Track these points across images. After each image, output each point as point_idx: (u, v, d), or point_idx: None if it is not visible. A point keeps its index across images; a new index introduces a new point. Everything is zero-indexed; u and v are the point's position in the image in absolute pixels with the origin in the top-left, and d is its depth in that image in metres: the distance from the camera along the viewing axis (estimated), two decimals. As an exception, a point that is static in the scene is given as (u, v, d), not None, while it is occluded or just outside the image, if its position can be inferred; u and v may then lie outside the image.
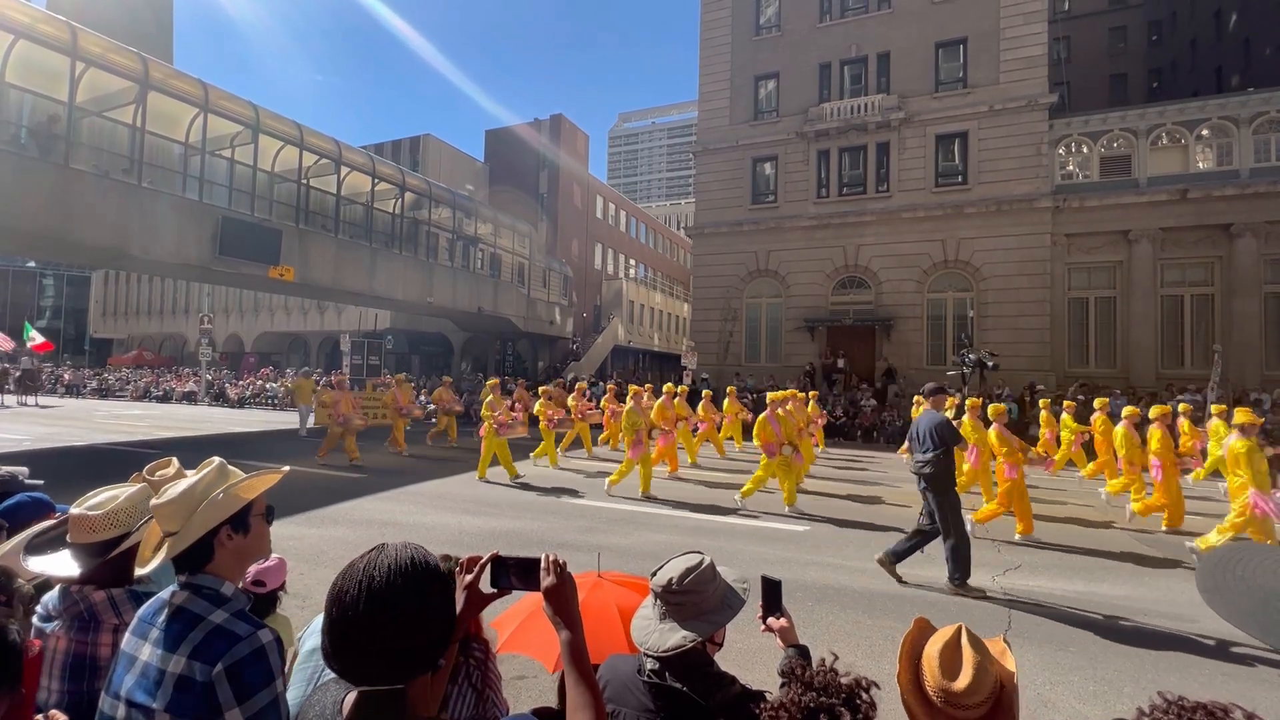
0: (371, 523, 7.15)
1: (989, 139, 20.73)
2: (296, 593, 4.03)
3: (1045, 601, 5.10)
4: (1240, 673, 3.93)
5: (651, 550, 6.22)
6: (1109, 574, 5.97)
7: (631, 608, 2.14)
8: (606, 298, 39.62)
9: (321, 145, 20.06)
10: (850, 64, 23.03)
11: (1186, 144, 19.01)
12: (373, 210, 21.95)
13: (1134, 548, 6.98)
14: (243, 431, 17.19)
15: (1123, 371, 19.11)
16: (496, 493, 9.19)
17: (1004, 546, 6.81)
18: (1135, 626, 4.61)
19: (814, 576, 5.54)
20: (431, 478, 10.18)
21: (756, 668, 3.51)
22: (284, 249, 17.81)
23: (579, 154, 38.54)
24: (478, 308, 26.04)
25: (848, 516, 8.10)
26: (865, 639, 4.26)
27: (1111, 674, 3.84)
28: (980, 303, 20.70)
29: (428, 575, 1.07)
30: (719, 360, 23.73)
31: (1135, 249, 19.22)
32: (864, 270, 22.28)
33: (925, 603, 5.03)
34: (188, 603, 1.28)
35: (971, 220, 20.72)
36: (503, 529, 7.00)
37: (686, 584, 1.45)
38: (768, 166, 24.17)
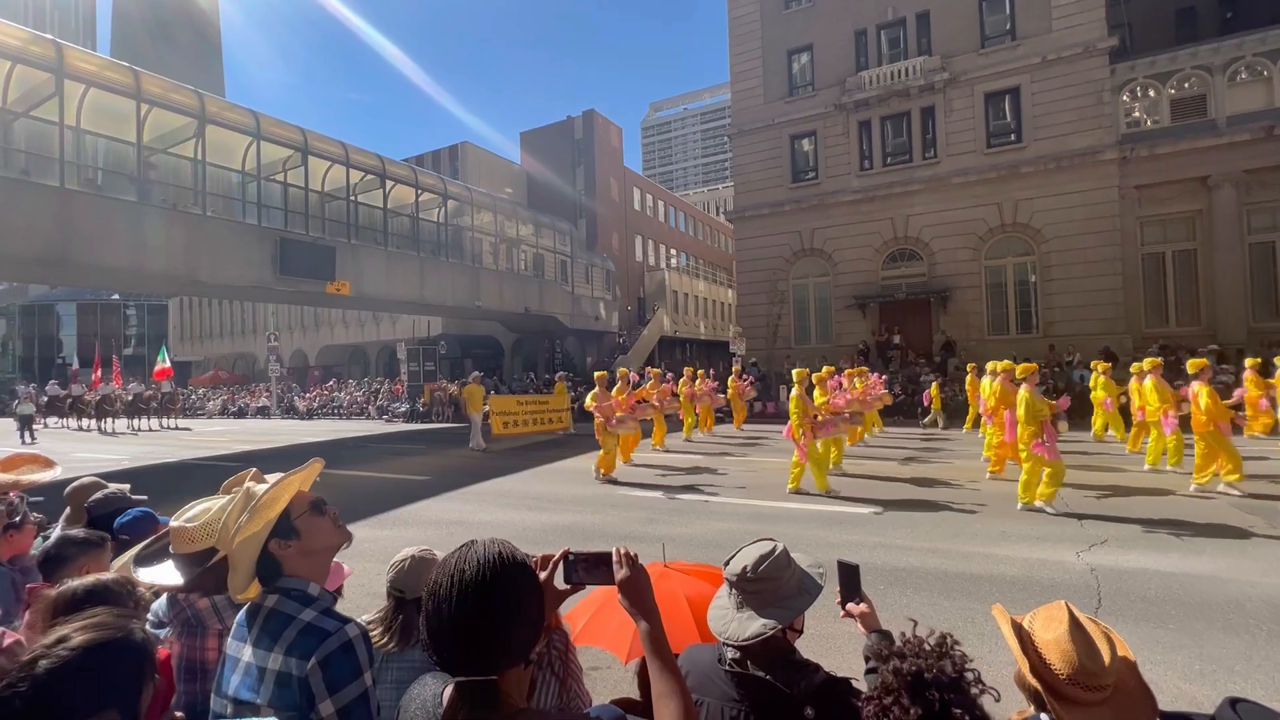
0: (440, 523, 7.40)
1: (1043, 92, 19.55)
2: (375, 591, 4.20)
3: (1137, 577, 4.80)
4: (1369, 647, 3.61)
5: (713, 539, 6.19)
6: (1203, 546, 5.58)
7: (699, 596, 2.13)
8: (650, 289, 39.59)
9: (366, 162, 20.76)
10: (887, 28, 22.12)
11: (1270, 76, 17.44)
12: (418, 220, 22.59)
13: (1228, 517, 6.49)
14: (314, 442, 18.06)
15: (1209, 328, 17.77)
16: (556, 489, 9.34)
17: (1087, 521, 6.45)
18: (1238, 601, 4.29)
19: (884, 559, 5.40)
20: (492, 477, 10.44)
21: (832, 654, 3.44)
22: (338, 264, 18.56)
23: (613, 147, 38.52)
24: (524, 308, 26.48)
25: (913, 497, 7.86)
26: (944, 621, 4.11)
27: (1219, 652, 3.59)
28: (1043, 266, 19.63)
29: (515, 568, 1.09)
30: (768, 344, 23.37)
31: (1216, 196, 17.79)
32: (915, 241, 21.46)
33: (1005, 581, 4.82)
34: (279, 605, 1.36)
35: (1029, 180, 19.64)
36: (564, 524, 7.11)
37: (761, 571, 1.42)
38: (806, 143, 23.55)
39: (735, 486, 8.97)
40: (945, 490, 8.23)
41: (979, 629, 3.95)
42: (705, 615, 1.55)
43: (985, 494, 7.93)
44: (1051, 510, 6.80)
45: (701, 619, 1.65)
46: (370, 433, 20.54)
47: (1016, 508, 6.98)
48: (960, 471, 9.51)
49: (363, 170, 20.59)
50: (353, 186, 20.23)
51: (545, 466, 11.63)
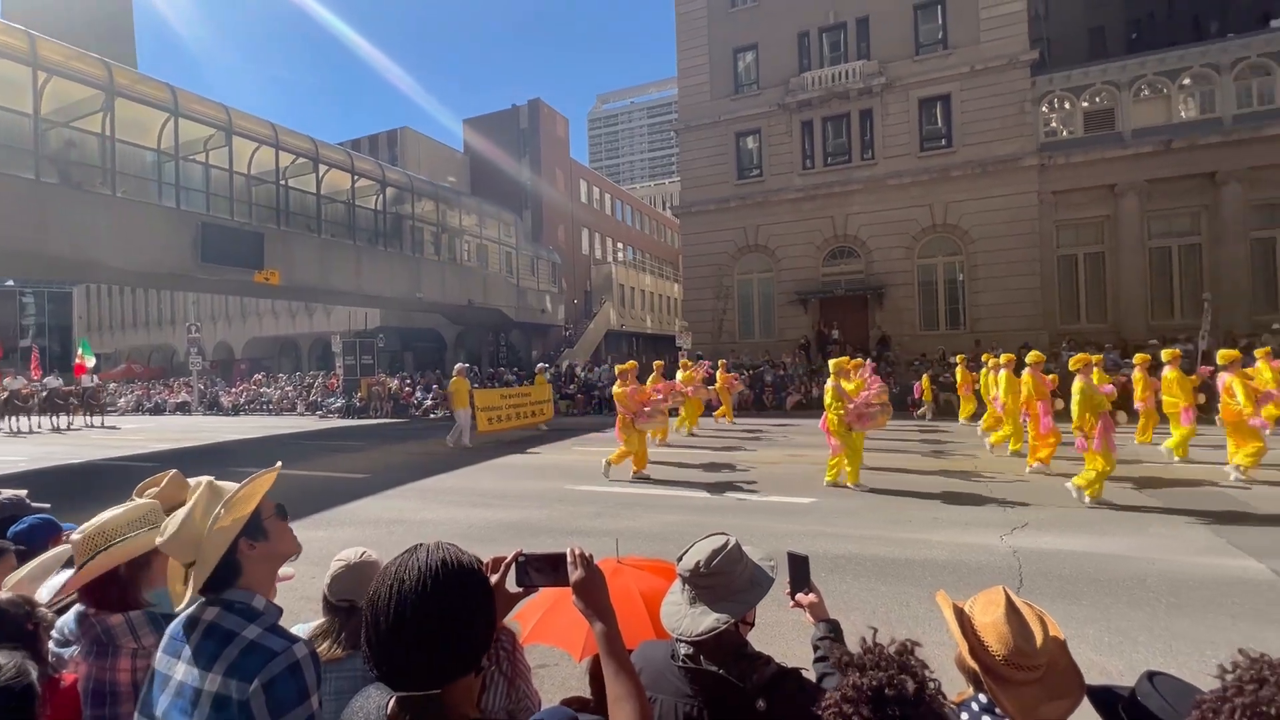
0: (379, 522, 7.14)
1: (972, 100, 20.58)
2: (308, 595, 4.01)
3: (1053, 557, 5.15)
4: (1245, 613, 4.00)
5: (663, 532, 6.24)
6: (1109, 526, 6.05)
7: (653, 591, 2.13)
8: (596, 283, 39.42)
9: (297, 144, 19.70)
10: (829, 31, 22.74)
11: (1169, 94, 18.96)
12: (355, 208, 21.65)
13: (1130, 499, 7.06)
14: (240, 439, 17.09)
15: (1114, 326, 19.24)
16: (504, 484, 9.19)
17: (1010, 506, 6.87)
18: (1140, 577, 4.67)
19: (825, 547, 5.58)
20: (436, 473, 10.16)
21: (778, 641, 3.53)
22: (267, 252, 17.57)
23: (559, 138, 38.05)
24: (467, 300, 25.86)
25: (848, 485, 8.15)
26: (881, 605, 4.30)
27: (1124, 624, 3.89)
28: (970, 265, 20.72)
29: (461, 575, 1.03)
30: (713, 339, 23.71)
31: (1122, 203, 19.24)
32: (853, 240, 22.22)
33: (936, 565, 5.07)
34: (220, 619, 1.25)
35: (958, 183, 20.66)
36: (512, 520, 7.00)
37: (715, 566, 1.43)
38: (751, 140, 23.95)
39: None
40: (883, 476, 8.57)
41: (913, 612, 4.14)
42: (660, 611, 1.55)
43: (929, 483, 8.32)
44: (1088, 502, 6.79)
45: (656, 614, 1.65)
46: (303, 429, 19.61)
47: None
48: (903, 460, 9.94)
49: (294, 153, 19.53)
50: (283, 170, 19.15)
51: (494, 461, 11.41)
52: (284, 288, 19.25)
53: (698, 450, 11.82)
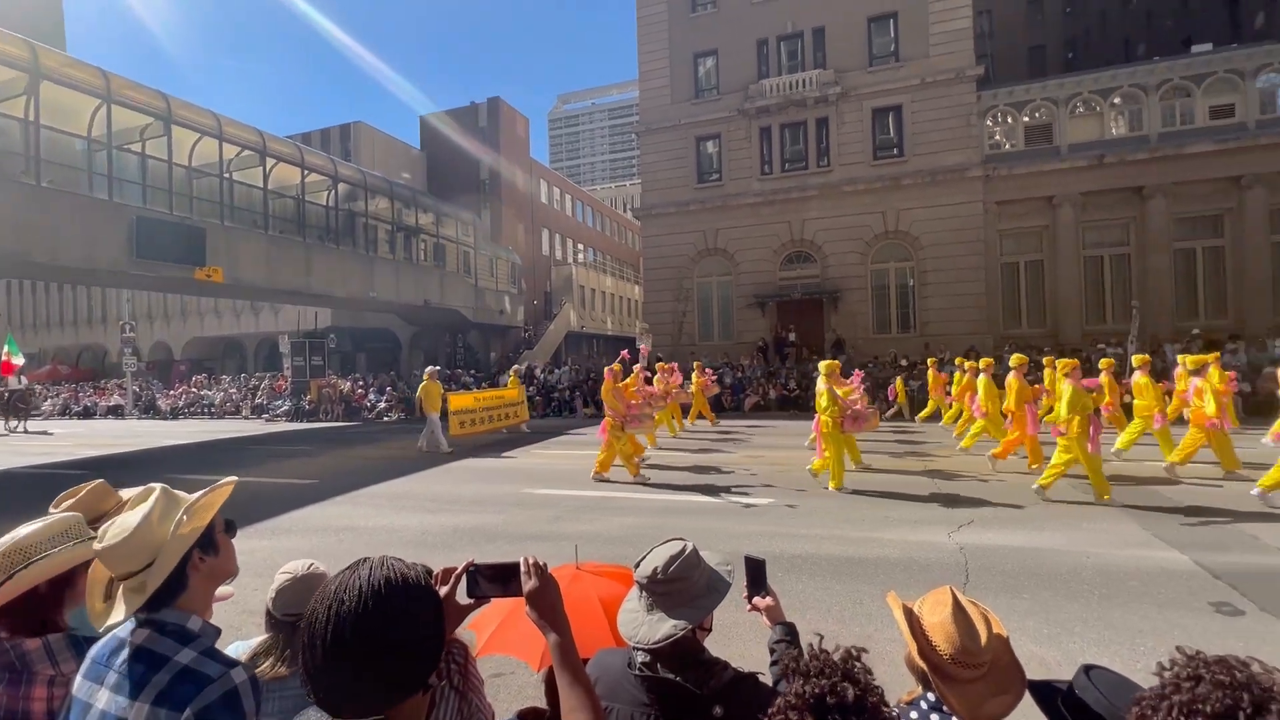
0: (328, 529, 6.89)
1: (921, 111, 21.32)
2: (251, 609, 3.84)
3: (997, 553, 5.37)
4: (1174, 603, 4.25)
5: (624, 535, 6.22)
6: (1047, 522, 6.34)
7: (612, 597, 2.11)
8: (556, 284, 39.13)
9: (243, 136, 18.90)
10: (787, 40, 23.19)
11: (1102, 112, 20.07)
12: (304, 203, 20.91)
13: (1066, 495, 7.42)
14: (178, 444, 16.25)
15: (1052, 330, 20.22)
16: (459, 488, 9.00)
17: (957, 505, 7.12)
18: (1075, 570, 4.91)
19: (783, 547, 5.66)
20: (389, 478, 9.88)
21: (735, 642, 3.56)
22: (210, 248, 16.80)
23: (519, 138, 37.63)
24: (424, 300, 25.30)
25: (807, 486, 8.31)
26: (836, 604, 4.39)
27: (1062, 616, 4.08)
28: (920, 271, 21.44)
29: (406, 593, 0.98)
30: (674, 341, 23.85)
31: (1059, 214, 20.26)
32: (809, 244, 22.71)
33: (888, 563, 5.21)
34: (150, 642, 1.16)
35: (909, 191, 21.36)
36: (468, 526, 6.86)
37: (672, 572, 1.42)
38: (711, 145, 24.20)
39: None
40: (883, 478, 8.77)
41: (866, 610, 4.24)
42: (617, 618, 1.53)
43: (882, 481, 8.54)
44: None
45: (615, 621, 1.64)
46: (248, 434, 18.80)
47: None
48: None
49: (239, 145, 18.72)
50: (227, 163, 18.34)
51: (451, 465, 11.18)
52: (228, 286, 18.44)
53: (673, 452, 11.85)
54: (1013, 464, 9.08)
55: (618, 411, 8.87)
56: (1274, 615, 4.01)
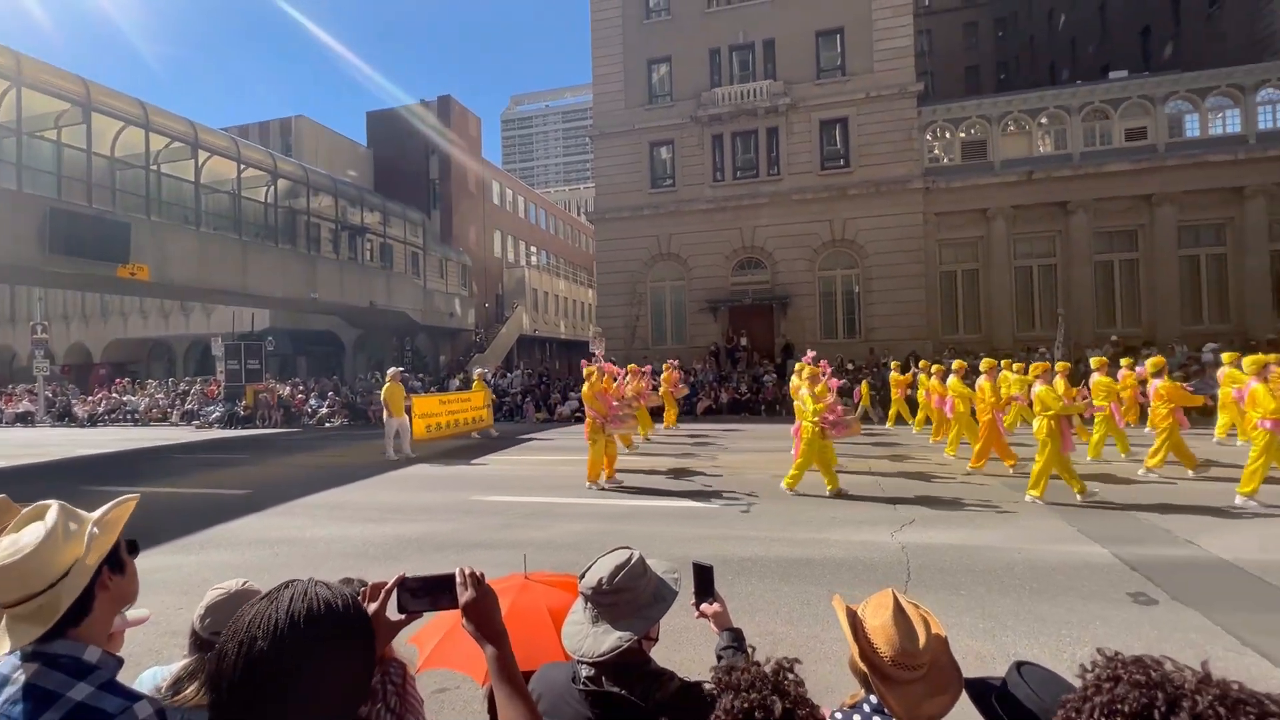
0: (261, 542, 6.54)
1: (866, 125, 22.08)
2: (174, 630, 3.60)
3: (937, 551, 5.57)
4: (1096, 595, 4.50)
5: (572, 541, 6.15)
6: (984, 520, 6.63)
7: (561, 608, 2.06)
8: (509, 286, 38.60)
9: (172, 126, 17.89)
10: (739, 50, 23.62)
11: (1030, 130, 21.27)
12: (241, 199, 19.93)
13: (999, 495, 7.78)
14: (95, 454, 15.16)
15: (986, 336, 21.24)
16: (404, 497, 8.72)
17: (899, 505, 7.36)
18: (1009, 565, 5.15)
19: (732, 550, 5.72)
20: (331, 486, 9.48)
21: (685, 647, 3.56)
22: (135, 244, 15.80)
23: (471, 137, 36.98)
24: (369, 302, 24.50)
25: (757, 490, 8.43)
26: (784, 606, 4.45)
27: (996, 610, 4.26)
28: (865, 279, 22.17)
29: (330, 623, 0.90)
30: (627, 345, 23.85)
31: (992, 226, 21.33)
32: (760, 251, 23.15)
33: (834, 563, 5.33)
34: (39, 677, 1.04)
35: (855, 201, 22.07)
36: (413, 535, 6.64)
37: (618, 582, 1.40)
38: (665, 150, 24.39)
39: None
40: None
41: (814, 610, 4.32)
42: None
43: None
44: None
45: (564, 633, 1.60)
46: (176, 441, 17.72)
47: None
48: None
49: (168, 136, 17.69)
50: (155, 154, 17.30)
51: (397, 473, 10.82)
52: (155, 284, 17.38)
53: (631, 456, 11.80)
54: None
55: (600, 413, 8.73)
56: (1184, 604, 4.29)
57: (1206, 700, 0.66)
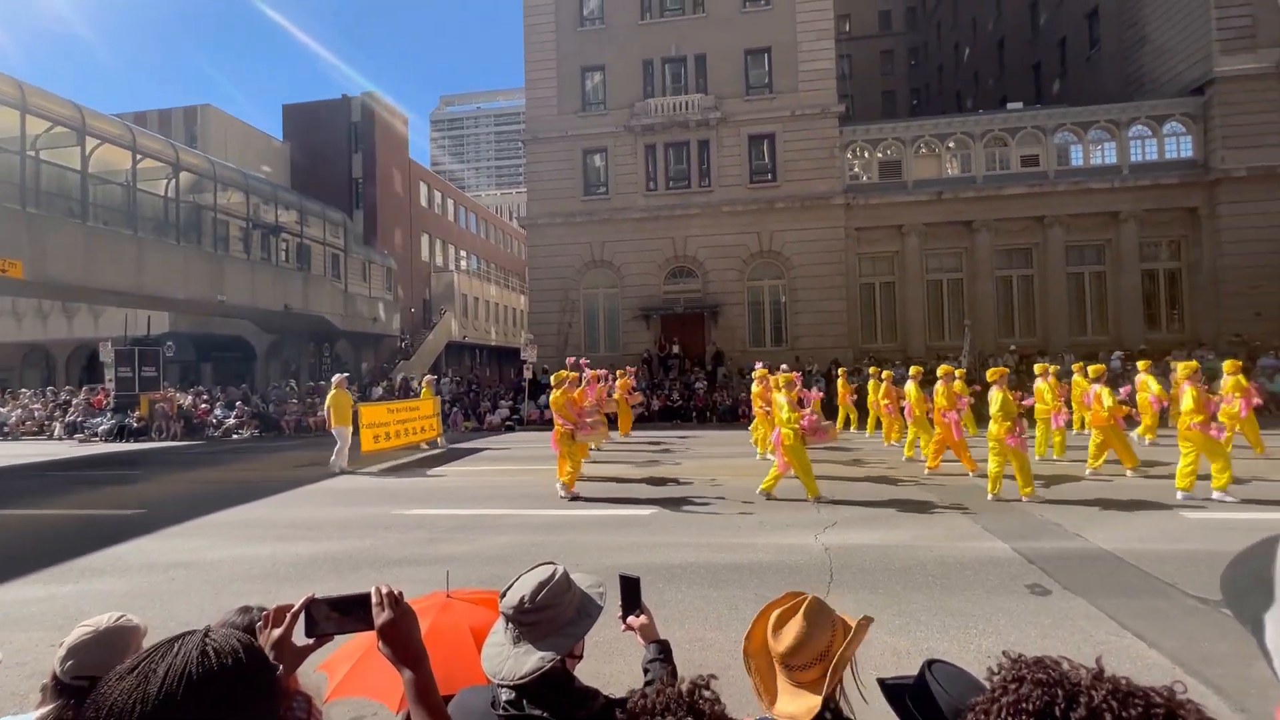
0: (154, 567, 5.98)
1: (792, 141, 22.99)
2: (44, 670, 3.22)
3: (857, 551, 5.81)
4: (999, 588, 4.82)
5: (500, 554, 5.99)
6: (900, 520, 6.99)
7: (486, 627, 1.99)
8: (437, 291, 37.45)
9: (54, 109, 16.27)
10: (671, 63, 24.04)
11: (939, 153, 22.79)
12: (136, 191, 18.33)
13: (915, 494, 8.23)
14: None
15: (901, 345, 22.50)
16: (320, 512, 8.22)
17: (823, 506, 7.63)
18: (922, 563, 5.44)
19: (663, 557, 5.74)
20: (238, 503, 8.80)
21: (616, 658, 3.52)
22: (5, 237, 14.18)
23: (397, 136, 35.73)
24: (284, 306, 23.10)
25: (686, 495, 8.52)
26: (713, 612, 4.50)
27: (911, 607, 4.48)
28: (791, 289, 23.01)
29: (222, 684, 0.78)
30: (558, 352, 23.60)
31: (907, 241, 22.68)
32: (692, 260, 23.57)
33: (761, 567, 5.45)
34: None
35: (781, 215, 22.88)
36: (328, 553, 6.27)
37: (540, 600, 1.35)
38: (598, 158, 24.44)
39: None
40: (721, 488, 9.09)
41: (742, 615, 4.38)
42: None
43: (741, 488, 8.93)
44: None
45: (489, 653, 1.54)
46: (55, 457, 15.99)
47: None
48: (734, 469, 10.59)
49: (48, 119, 16.05)
50: (33, 139, 15.65)
51: (313, 486, 10.20)
52: (31, 283, 15.68)
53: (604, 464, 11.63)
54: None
55: (569, 421, 8.56)
56: (1073, 593, 4.67)
57: (1100, 695, 0.71)
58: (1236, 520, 6.67)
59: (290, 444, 17.50)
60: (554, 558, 5.46)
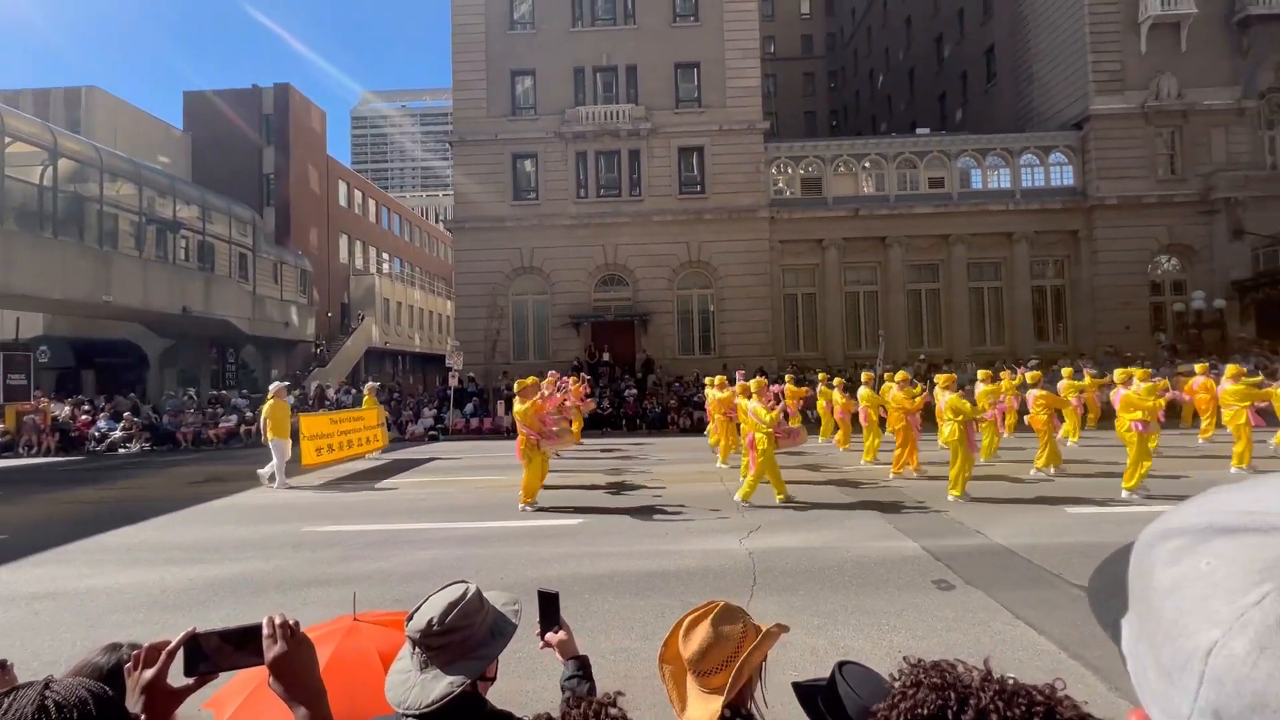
0: (14, 599, 5.30)
1: (720, 155, 23.61)
2: None
3: (779, 555, 5.97)
4: (909, 585, 5.08)
5: (419, 571, 5.74)
6: (819, 523, 7.25)
7: (395, 650, 1.88)
8: (356, 295, 35.74)
9: (-98, 82, 14.28)
10: (603, 71, 24.15)
11: (856, 172, 24.07)
12: (4, 178, 16.43)
13: (832, 496, 8.58)
14: None
15: (822, 354, 23.50)
16: (217, 532, 7.59)
17: (746, 510, 7.80)
18: (839, 564, 5.66)
19: (590, 567, 5.68)
20: (123, 524, 7.98)
21: (539, 675, 3.44)
22: None
23: (314, 131, 33.94)
24: (182, 308, 21.34)
25: (611, 505, 8.50)
26: (639, 621, 4.49)
27: (828, 607, 4.65)
28: (719, 298, 23.56)
29: None
30: (486, 359, 23.09)
31: (827, 255, 23.76)
32: (622, 268, 23.68)
33: (687, 573, 5.49)
34: None
35: (710, 225, 23.42)
36: (227, 577, 5.78)
37: (450, 622, 1.29)
38: (528, 163, 24.16)
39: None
40: (636, 495, 9.12)
41: (668, 623, 4.33)
42: (386, 681, 1.35)
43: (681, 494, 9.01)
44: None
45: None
46: (-106, 477, 13.94)
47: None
48: (658, 477, 10.66)
49: (-106, 93, 14.11)
50: None
51: (211, 504, 9.41)
52: None
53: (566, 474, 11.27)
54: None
55: (536, 431, 8.29)
56: (974, 586, 4.99)
57: (988, 696, 0.76)
58: (1110, 514, 7.37)
59: (187, 458, 16.14)
60: (478, 571, 5.36)
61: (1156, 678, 0.42)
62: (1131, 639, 0.45)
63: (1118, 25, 22.47)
